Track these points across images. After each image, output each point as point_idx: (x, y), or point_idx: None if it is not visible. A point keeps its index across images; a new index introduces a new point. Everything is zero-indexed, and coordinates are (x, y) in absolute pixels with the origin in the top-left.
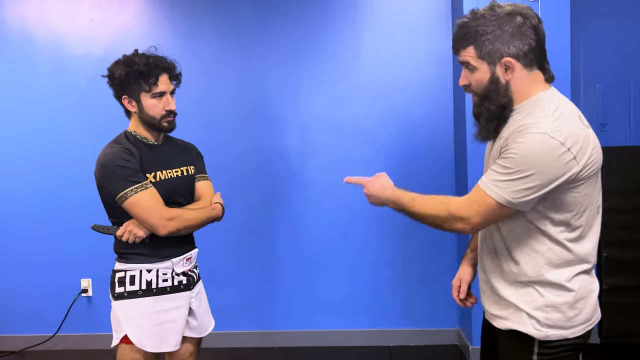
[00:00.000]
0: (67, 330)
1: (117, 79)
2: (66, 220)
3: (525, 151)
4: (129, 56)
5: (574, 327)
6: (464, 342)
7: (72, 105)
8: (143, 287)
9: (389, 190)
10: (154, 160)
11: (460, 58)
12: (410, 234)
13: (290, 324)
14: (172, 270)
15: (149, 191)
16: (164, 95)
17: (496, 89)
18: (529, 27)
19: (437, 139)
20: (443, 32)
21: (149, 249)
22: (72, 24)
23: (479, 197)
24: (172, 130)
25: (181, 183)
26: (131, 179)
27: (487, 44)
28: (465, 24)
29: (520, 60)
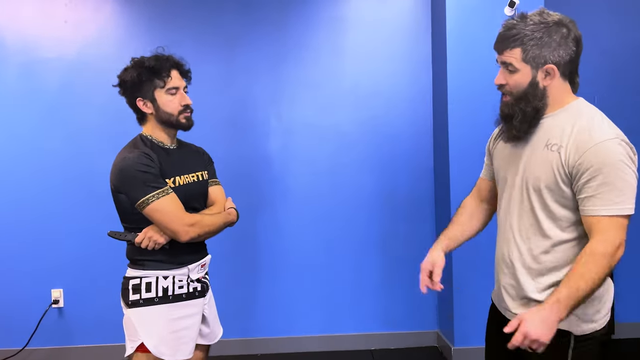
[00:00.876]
0: (36, 344)
1: (129, 82)
2: (35, 228)
3: (612, 159)
4: (137, 59)
5: (601, 319)
6: (444, 343)
7: (43, 109)
8: (159, 294)
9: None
10: (172, 165)
11: (503, 58)
12: (389, 241)
13: (272, 330)
14: (188, 277)
15: (170, 197)
16: (178, 91)
17: (534, 92)
18: (572, 39)
19: (417, 144)
20: (422, 41)
21: (166, 256)
22: (46, 25)
23: (610, 223)
24: (191, 127)
25: (197, 188)
26: (153, 185)
27: (535, 49)
28: (514, 26)
29: (560, 68)
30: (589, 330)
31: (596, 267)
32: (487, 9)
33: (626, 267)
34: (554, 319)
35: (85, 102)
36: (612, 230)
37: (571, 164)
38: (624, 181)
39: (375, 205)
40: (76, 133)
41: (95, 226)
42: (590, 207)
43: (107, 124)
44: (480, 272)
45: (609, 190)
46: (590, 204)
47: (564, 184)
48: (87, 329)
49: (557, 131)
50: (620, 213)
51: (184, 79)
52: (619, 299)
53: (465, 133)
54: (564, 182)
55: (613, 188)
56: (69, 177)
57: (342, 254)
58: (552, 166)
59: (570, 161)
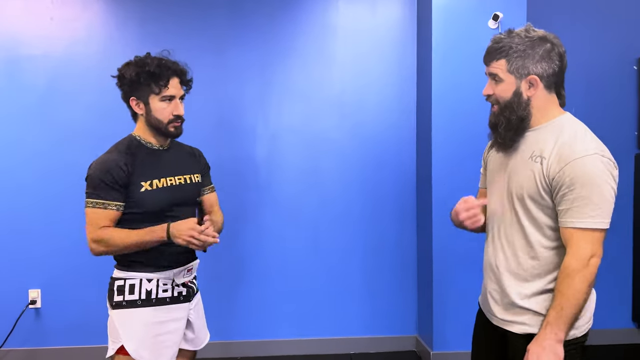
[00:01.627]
0: (13, 345)
1: (127, 79)
2: (13, 228)
3: (590, 175)
4: (141, 57)
5: (582, 327)
6: (423, 348)
7: (28, 106)
8: (142, 297)
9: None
10: (154, 167)
11: (490, 69)
12: (372, 246)
13: (252, 333)
14: (173, 281)
15: (99, 210)
16: (173, 100)
17: (518, 102)
18: (556, 54)
19: (401, 151)
20: (408, 52)
21: (151, 258)
22: (31, 22)
23: (584, 236)
24: (179, 136)
25: (185, 191)
26: (96, 192)
27: (518, 60)
28: (501, 40)
29: (543, 80)
30: (570, 336)
31: (572, 282)
32: (472, 22)
33: (598, 275)
34: (554, 342)
35: (72, 100)
36: (584, 243)
37: (551, 176)
38: (601, 196)
39: (359, 211)
40: (61, 132)
41: (74, 226)
42: (566, 219)
43: (92, 122)
44: (460, 277)
45: (585, 204)
46: (566, 216)
47: (545, 193)
48: (64, 330)
49: (542, 144)
50: (593, 227)
51: (183, 87)
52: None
53: (448, 142)
54: (545, 192)
55: (589, 202)
56: (52, 176)
57: (324, 259)
58: (535, 176)
59: (551, 172)
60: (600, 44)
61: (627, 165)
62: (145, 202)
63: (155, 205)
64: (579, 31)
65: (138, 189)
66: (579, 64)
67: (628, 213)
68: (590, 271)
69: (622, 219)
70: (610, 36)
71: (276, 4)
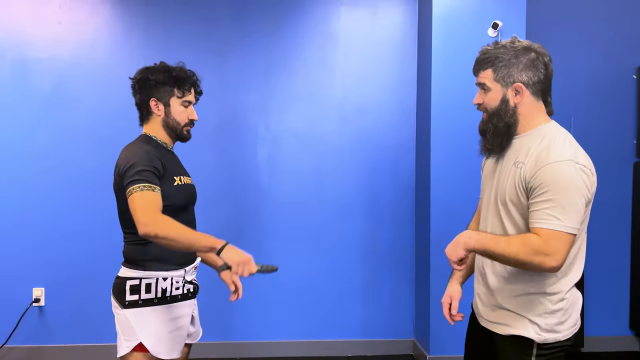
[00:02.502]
0: (16, 342)
1: (153, 81)
2: (18, 227)
3: (561, 179)
4: (164, 63)
5: (565, 331)
6: (420, 352)
7: (35, 109)
8: (159, 295)
9: (472, 239)
10: (175, 165)
11: (479, 79)
12: (371, 250)
13: (251, 334)
14: (183, 278)
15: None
16: (190, 105)
17: (505, 109)
18: (541, 62)
19: (400, 157)
20: (409, 59)
21: (167, 256)
22: (39, 25)
23: (550, 235)
24: (189, 140)
25: (194, 190)
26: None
27: (503, 69)
28: (487, 51)
29: (529, 87)
30: (551, 340)
31: (521, 248)
32: (472, 31)
33: (596, 282)
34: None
35: (77, 102)
36: (551, 241)
37: (527, 179)
38: (569, 200)
39: (358, 215)
40: (66, 135)
41: (78, 226)
42: (534, 220)
43: (97, 124)
44: None
45: (553, 207)
46: (534, 217)
47: (522, 197)
48: (67, 328)
49: (524, 150)
50: (560, 229)
51: (196, 96)
52: (589, 313)
53: (446, 147)
54: (522, 196)
55: (557, 205)
56: (57, 177)
57: (323, 262)
58: (515, 181)
59: (527, 176)
60: (600, 52)
61: (626, 173)
62: (174, 197)
63: (180, 200)
64: (579, 40)
65: (171, 183)
66: (579, 73)
67: (626, 221)
68: (534, 262)
69: (620, 227)
70: (609, 45)
71: (279, 11)
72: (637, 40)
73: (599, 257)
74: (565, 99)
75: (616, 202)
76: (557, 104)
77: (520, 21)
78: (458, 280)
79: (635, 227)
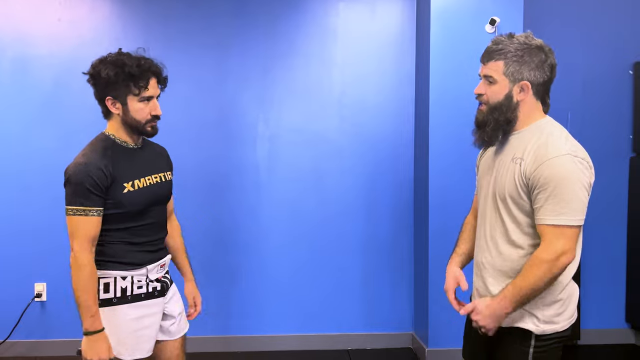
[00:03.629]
0: (18, 337)
1: (104, 79)
2: (21, 223)
3: (562, 173)
4: (117, 56)
5: (563, 322)
6: (418, 345)
7: (35, 104)
8: (118, 295)
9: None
10: (133, 167)
11: (485, 70)
12: (370, 244)
13: (251, 328)
14: (147, 277)
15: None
16: (151, 100)
17: (508, 104)
18: (548, 65)
19: (399, 152)
20: (408, 55)
21: (124, 256)
22: (39, 22)
23: (556, 231)
24: (155, 135)
25: (161, 189)
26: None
27: (515, 65)
28: (501, 42)
29: (533, 87)
30: (549, 331)
31: (538, 271)
32: (469, 27)
33: (592, 275)
34: (500, 313)
35: (77, 100)
36: (556, 238)
37: (528, 176)
38: (572, 193)
39: (357, 209)
40: (66, 131)
41: None
42: (539, 217)
43: (97, 121)
44: None
45: (557, 202)
46: (539, 213)
47: (523, 193)
48: (69, 323)
49: (522, 146)
50: (565, 223)
51: (160, 86)
52: (585, 306)
53: (445, 142)
54: (523, 192)
55: (560, 200)
56: (57, 173)
57: (322, 256)
58: (514, 177)
59: (527, 173)
60: (596, 48)
61: (622, 168)
62: (127, 203)
63: (137, 205)
64: (575, 36)
65: (120, 190)
66: (575, 68)
67: (623, 215)
68: (558, 266)
69: (616, 221)
70: (605, 41)
71: (278, 6)
72: (634, 37)
73: (595, 251)
74: (562, 94)
75: (613, 197)
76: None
77: (518, 17)
78: (457, 264)
79: (631, 221)
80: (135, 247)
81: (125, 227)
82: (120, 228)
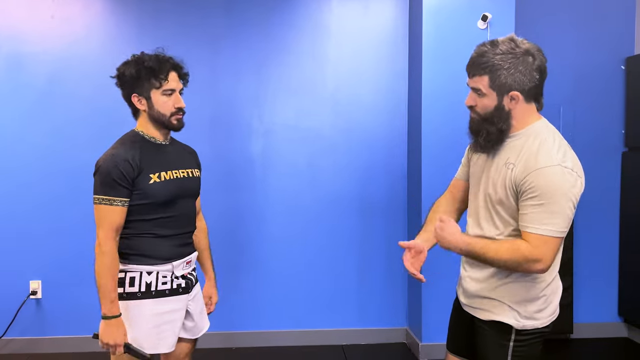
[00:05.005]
0: (14, 334)
1: (128, 77)
2: (16, 220)
3: (551, 185)
4: (138, 55)
5: (544, 318)
6: (412, 340)
7: (29, 102)
8: (142, 289)
9: (458, 237)
10: (160, 161)
11: (473, 84)
12: (364, 240)
13: (246, 324)
14: (172, 273)
15: (109, 208)
16: (174, 93)
17: (499, 115)
18: (537, 68)
19: (392, 149)
20: (401, 51)
21: (151, 251)
22: (32, 19)
23: (539, 241)
24: (181, 128)
25: (188, 183)
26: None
27: (502, 78)
28: (484, 53)
29: (524, 94)
30: (529, 326)
31: (510, 254)
32: (461, 23)
33: (585, 269)
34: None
35: (72, 97)
36: (541, 246)
37: (517, 182)
38: (558, 206)
39: (352, 206)
40: (61, 128)
41: (75, 219)
42: (523, 224)
43: (92, 119)
44: (447, 272)
45: (541, 212)
46: (523, 220)
47: (512, 197)
48: (64, 321)
49: (515, 151)
50: (548, 234)
51: (181, 81)
52: (578, 300)
53: (438, 138)
54: (512, 196)
55: (545, 210)
56: (52, 171)
57: (317, 253)
58: (505, 182)
59: (517, 179)
60: (589, 44)
61: (614, 163)
62: (153, 194)
63: (163, 197)
64: (568, 31)
65: (147, 181)
66: (568, 64)
67: (615, 210)
68: (525, 267)
69: (609, 216)
70: (598, 36)
71: (271, 3)
72: (626, 32)
73: (588, 245)
74: (554, 89)
75: (605, 192)
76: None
77: (510, 13)
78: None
79: (623, 215)
80: (162, 240)
81: (151, 219)
82: (147, 219)
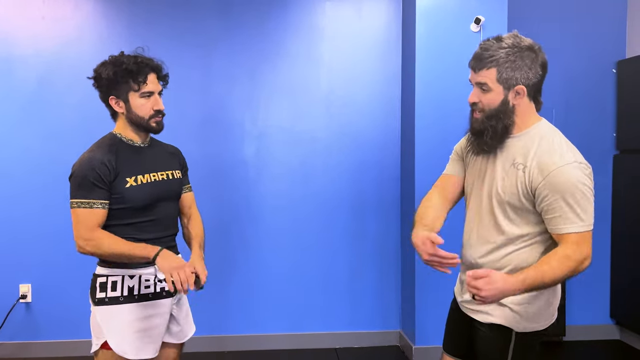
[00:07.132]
0: (3, 338)
1: (105, 79)
2: (5, 224)
3: (574, 182)
4: (116, 56)
5: (543, 321)
6: (406, 343)
7: (20, 104)
8: (125, 294)
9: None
10: (138, 164)
11: (478, 78)
12: (357, 243)
13: (238, 328)
14: (155, 277)
15: (88, 211)
16: (152, 95)
17: (505, 110)
18: (540, 64)
19: (385, 151)
20: (393, 54)
21: None
22: (22, 20)
23: (580, 238)
24: (161, 131)
25: (168, 186)
26: (82, 192)
27: (509, 71)
28: (489, 47)
29: (528, 89)
30: (530, 329)
31: (563, 267)
32: (454, 25)
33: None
34: (510, 291)
35: (62, 99)
36: (582, 243)
37: (534, 185)
38: (586, 200)
39: (345, 208)
40: (52, 131)
41: (65, 222)
42: (560, 227)
43: (83, 120)
44: (441, 275)
45: (572, 210)
46: (557, 223)
47: (525, 199)
48: (54, 325)
49: (523, 151)
50: (585, 230)
51: (161, 82)
52: (570, 303)
53: (430, 140)
54: (525, 198)
55: (577, 207)
56: (42, 174)
57: (310, 254)
58: (517, 183)
59: (534, 182)
60: (580, 47)
61: (605, 166)
62: (130, 198)
63: (141, 200)
64: (559, 34)
65: (123, 185)
66: (559, 67)
67: (606, 213)
68: (582, 267)
69: (600, 219)
70: (589, 39)
71: (265, 5)
72: (617, 35)
73: None
74: (546, 92)
75: (596, 195)
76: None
77: (502, 16)
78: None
79: (615, 218)
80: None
81: (130, 223)
82: (127, 223)
